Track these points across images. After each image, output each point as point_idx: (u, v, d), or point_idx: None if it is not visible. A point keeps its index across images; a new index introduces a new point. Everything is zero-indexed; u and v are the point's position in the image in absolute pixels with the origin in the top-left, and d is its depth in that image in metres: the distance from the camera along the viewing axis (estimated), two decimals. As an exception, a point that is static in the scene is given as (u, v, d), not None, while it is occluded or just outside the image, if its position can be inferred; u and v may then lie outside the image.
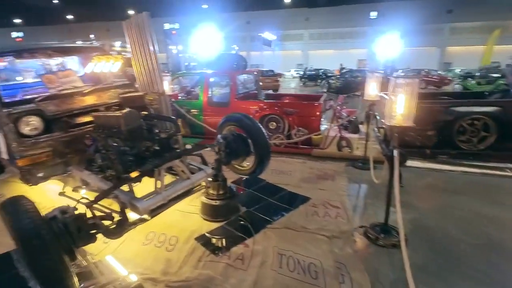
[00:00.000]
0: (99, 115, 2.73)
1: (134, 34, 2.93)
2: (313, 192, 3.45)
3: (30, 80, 3.96)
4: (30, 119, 2.73)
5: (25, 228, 1.54)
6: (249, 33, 43.10)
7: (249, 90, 6.57)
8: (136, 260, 2.28)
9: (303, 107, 5.23)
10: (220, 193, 2.85)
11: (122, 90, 3.37)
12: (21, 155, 2.68)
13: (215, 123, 5.61)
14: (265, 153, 2.90)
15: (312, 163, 4.48)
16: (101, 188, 2.53)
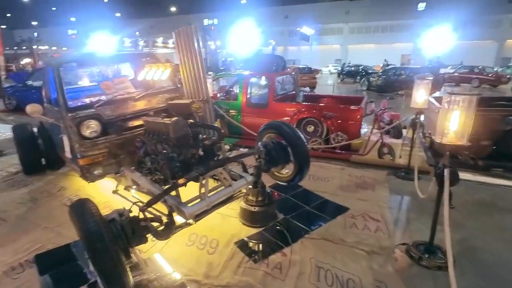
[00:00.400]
0: (149, 120, 2.92)
1: (182, 44, 3.07)
2: (352, 202, 3.39)
3: (88, 83, 4.34)
4: (90, 123, 3.00)
5: (91, 231, 1.73)
6: (286, 28, 42.58)
7: (287, 91, 6.56)
8: (180, 261, 2.43)
9: (343, 111, 5.10)
10: (259, 199, 2.92)
11: (169, 95, 3.57)
12: (82, 155, 2.97)
13: (253, 124, 5.77)
14: (304, 162, 2.90)
15: (350, 169, 4.38)
16: (150, 190, 2.73)
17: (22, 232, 2.83)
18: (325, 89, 18.20)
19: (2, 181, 4.05)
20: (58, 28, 48.89)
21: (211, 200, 2.41)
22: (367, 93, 16.08)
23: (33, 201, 3.46)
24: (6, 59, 26.46)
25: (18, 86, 10.28)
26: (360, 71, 24.08)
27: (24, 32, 44.31)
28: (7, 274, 2.27)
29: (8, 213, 3.18)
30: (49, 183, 3.95)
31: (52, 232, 2.83)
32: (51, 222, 3.00)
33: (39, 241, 2.68)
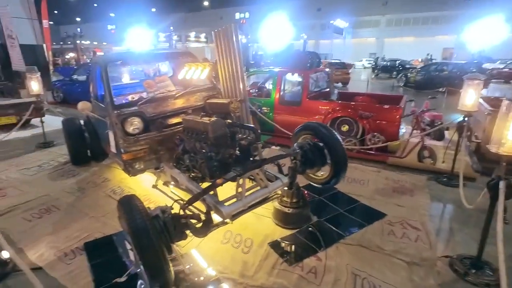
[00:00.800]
0: (188, 119, 3.00)
1: (221, 43, 3.10)
2: (389, 207, 3.27)
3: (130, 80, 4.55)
4: (134, 120, 3.15)
5: (139, 227, 1.83)
6: (319, 21, 41.50)
7: (321, 88, 6.42)
8: (216, 257, 2.50)
9: (381, 111, 4.89)
10: (293, 201, 2.91)
11: (206, 94, 3.64)
12: (126, 150, 3.14)
13: (286, 121, 5.73)
14: (341, 165, 2.84)
15: (387, 172, 4.21)
16: (189, 187, 2.82)
17: (72, 220, 3.07)
18: (358, 85, 17.57)
19: (54, 171, 4.40)
20: (99, 23, 51.63)
21: (248, 200, 2.44)
22: (404, 89, 15.30)
23: (81, 191, 3.73)
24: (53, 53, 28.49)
25: (65, 80, 11.04)
26: (396, 66, 22.92)
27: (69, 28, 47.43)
28: (61, 259, 2.48)
29: (59, 201, 3.46)
30: (94, 174, 4.22)
31: (98, 221, 3.04)
32: (97, 211, 3.22)
33: (87, 230, 2.88)
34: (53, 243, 2.69)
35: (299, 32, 36.40)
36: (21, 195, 3.63)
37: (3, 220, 3.09)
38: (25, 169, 4.47)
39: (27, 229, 2.92)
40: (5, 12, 6.68)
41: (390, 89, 15.55)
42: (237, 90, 3.13)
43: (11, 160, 4.88)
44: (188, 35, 40.09)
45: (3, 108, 6.42)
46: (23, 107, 6.37)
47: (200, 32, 41.18)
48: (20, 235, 2.81)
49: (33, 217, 3.13)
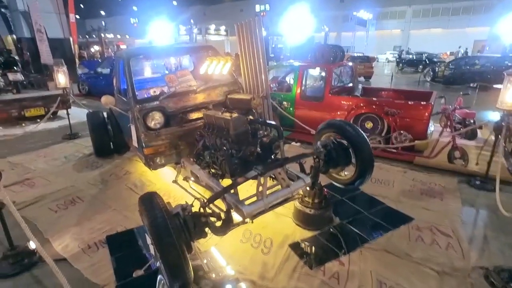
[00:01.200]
0: (209, 114, 2.96)
1: (244, 37, 3.01)
2: (417, 211, 3.10)
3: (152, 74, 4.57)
4: (155, 115, 3.15)
5: (159, 225, 1.81)
6: (341, 12, 40.22)
7: (344, 83, 6.20)
8: (235, 257, 2.47)
9: (409, 108, 4.65)
10: (315, 201, 2.81)
11: (227, 88, 3.58)
12: (147, 144, 3.15)
13: (307, 117, 5.58)
14: (368, 166, 2.70)
15: (414, 173, 4.01)
16: (209, 184, 2.79)
17: (95, 212, 3.13)
18: (381, 79, 16.97)
19: (79, 162, 4.53)
20: (122, 17, 52.70)
21: (269, 200, 2.37)
22: (431, 85, 14.59)
23: (104, 183, 3.81)
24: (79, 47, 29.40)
25: (90, 73, 11.36)
26: (423, 59, 21.89)
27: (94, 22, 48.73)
28: (84, 251, 2.53)
29: (84, 193, 3.55)
30: (117, 166, 4.30)
31: (120, 214, 3.08)
32: (119, 205, 3.27)
33: (110, 223, 2.93)
34: (77, 234, 2.75)
35: (320, 24, 35.47)
36: (48, 185, 3.76)
37: (32, 209, 3.20)
38: (52, 160, 4.63)
39: (53, 219, 3.01)
40: (35, 7, 6.88)
41: (416, 84, 14.85)
42: (259, 85, 3.04)
43: (40, 150, 5.07)
44: (208, 28, 40.14)
45: (32, 100, 6.68)
46: (50, 99, 6.62)
47: (220, 25, 41.14)
48: (47, 225, 2.90)
49: (58, 208, 3.22)
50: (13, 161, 4.56)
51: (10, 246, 2.35)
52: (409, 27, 37.94)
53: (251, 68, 3.09)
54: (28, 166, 4.36)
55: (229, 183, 2.39)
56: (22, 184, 3.79)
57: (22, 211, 3.13)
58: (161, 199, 2.07)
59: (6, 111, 6.32)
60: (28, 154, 4.91)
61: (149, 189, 3.62)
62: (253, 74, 3.09)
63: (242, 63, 3.17)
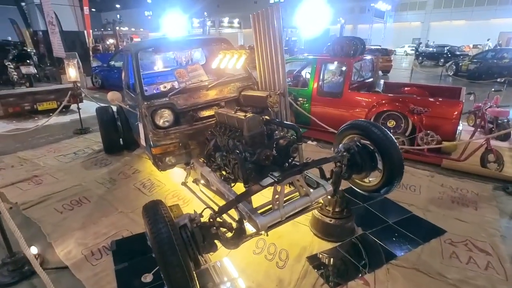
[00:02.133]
0: (221, 112, 2.73)
1: (260, 28, 2.75)
2: (449, 222, 2.80)
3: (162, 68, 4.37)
4: (164, 112, 2.95)
5: (163, 241, 1.61)
6: (358, 4, 38.94)
7: (364, 78, 5.84)
8: (248, 270, 2.26)
9: (437, 106, 4.28)
10: (336, 210, 2.56)
11: (241, 84, 3.34)
12: (155, 144, 2.96)
13: (324, 114, 5.28)
14: (396, 173, 2.42)
15: (442, 178, 3.68)
16: (220, 189, 2.58)
17: (101, 214, 2.99)
18: (400, 73, 16.28)
19: (88, 159, 4.42)
20: (137, 10, 52.86)
21: (286, 210, 2.14)
22: (454, 79, 13.86)
23: (111, 182, 3.67)
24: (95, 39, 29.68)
25: (103, 66, 11.34)
26: (444, 52, 20.90)
27: (109, 15, 49.08)
28: (87, 258, 2.38)
29: (91, 193, 3.42)
30: (126, 164, 4.16)
31: (127, 217, 2.92)
32: (127, 206, 3.11)
33: (116, 226, 2.78)
34: (81, 239, 2.61)
35: (336, 16, 34.40)
36: (56, 183, 3.65)
37: (38, 209, 3.09)
38: (61, 156, 4.54)
39: (58, 221, 2.88)
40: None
41: (438, 79, 14.14)
42: (276, 81, 2.78)
43: (50, 145, 5.00)
44: (221, 21, 39.78)
45: (45, 93, 6.64)
46: (63, 93, 6.56)
47: (233, 17, 40.66)
48: (51, 227, 2.78)
49: (64, 209, 3.10)
50: (23, 156, 4.50)
51: (9, 252, 2.22)
52: (430, 18, 36.40)
53: (267, 62, 2.83)
54: (37, 162, 4.28)
55: (241, 189, 2.17)
56: (29, 181, 3.70)
57: (27, 211, 3.05)
58: (166, 209, 1.87)
59: (19, 104, 6.31)
60: (38, 149, 4.84)
61: (158, 190, 3.46)
62: (269, 69, 2.83)
63: (258, 56, 2.91)
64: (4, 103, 6.12)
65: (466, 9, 33.77)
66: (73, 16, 13.24)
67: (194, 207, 2.98)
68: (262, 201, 2.36)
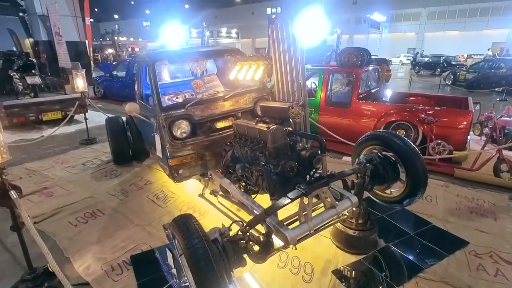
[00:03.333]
0: (241, 124, 2.72)
1: (279, 39, 2.77)
2: (470, 233, 2.78)
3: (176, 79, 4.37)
4: (182, 123, 2.93)
5: (200, 256, 1.58)
6: (354, 15, 39.70)
7: (370, 88, 5.90)
8: (274, 285, 2.21)
9: (447, 116, 4.31)
10: (359, 222, 2.53)
11: (256, 95, 3.34)
12: (172, 155, 2.93)
13: (333, 124, 5.29)
14: (420, 184, 2.41)
15: (457, 188, 3.68)
16: (242, 201, 2.54)
17: (117, 227, 2.92)
18: (398, 83, 16.50)
19: (97, 170, 4.35)
20: (135, 20, 53.35)
21: (314, 223, 2.10)
22: (452, 89, 14.06)
23: (124, 194, 3.61)
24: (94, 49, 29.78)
25: (105, 76, 11.33)
26: (440, 62, 21.29)
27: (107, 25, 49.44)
28: (108, 274, 2.31)
29: (104, 205, 3.35)
30: (136, 176, 4.10)
31: (144, 231, 2.86)
32: (142, 219, 3.05)
33: (133, 240, 2.71)
34: (99, 253, 2.54)
35: (332, 27, 35.01)
36: (67, 195, 3.58)
37: (51, 223, 3.01)
38: (70, 167, 4.47)
39: (73, 235, 2.81)
40: (54, 9, 6.82)
41: (436, 88, 14.34)
42: (296, 92, 2.78)
43: (57, 156, 4.93)
44: (219, 31, 40.20)
45: (50, 103, 6.60)
46: (68, 103, 6.53)
47: (231, 27, 41.15)
48: (67, 241, 2.71)
49: (78, 222, 3.03)
50: (31, 168, 4.42)
51: (29, 268, 2.15)
52: (424, 29, 37.17)
53: (285, 73, 2.84)
54: (45, 174, 4.21)
55: (263, 200, 2.15)
56: (40, 193, 3.62)
57: (41, 225, 2.97)
58: (198, 223, 1.84)
59: (24, 114, 6.25)
60: (45, 160, 4.77)
61: (172, 202, 3.41)
62: (287, 80, 2.83)
63: (276, 67, 2.92)
64: (9, 114, 6.06)
65: (460, 20, 34.57)
66: (75, 26, 13.32)
67: (211, 219, 2.97)
68: (285, 214, 2.33)
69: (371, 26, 34.26)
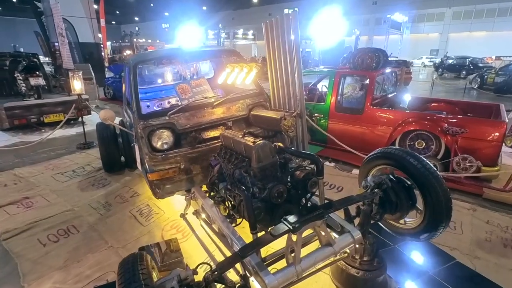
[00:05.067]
0: (227, 135, 2.34)
1: (274, 38, 2.36)
2: (504, 274, 2.26)
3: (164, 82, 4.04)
4: (163, 133, 2.59)
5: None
6: (373, 15, 38.56)
7: (386, 93, 5.36)
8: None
9: (476, 126, 3.74)
10: (364, 259, 2.08)
11: (251, 101, 2.94)
12: (151, 169, 2.58)
13: (343, 132, 4.81)
14: (442, 218, 1.94)
15: (487, 213, 3.12)
16: (221, 229, 2.15)
17: (88, 249, 2.60)
18: (419, 86, 15.59)
19: (86, 178, 4.10)
20: (155, 22, 54.36)
21: (304, 267, 1.67)
22: (479, 93, 13.09)
23: (106, 208, 3.30)
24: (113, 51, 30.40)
25: (115, 77, 11.30)
26: (466, 64, 20.07)
27: (128, 27, 50.60)
28: (61, 311, 1.98)
29: (81, 220, 3.06)
30: (125, 186, 3.81)
31: (116, 255, 2.52)
32: (118, 240, 2.72)
33: (102, 267, 2.37)
34: (60, 283, 2.22)
35: (351, 27, 34.03)
36: (46, 207, 3.32)
37: (20, 240, 2.74)
38: (59, 174, 4.24)
39: (39, 257, 2.52)
40: (57, 10, 6.74)
41: (461, 92, 13.40)
42: (292, 99, 2.36)
43: (49, 162, 4.73)
44: (236, 33, 40.15)
45: (52, 105, 6.48)
46: (70, 105, 6.37)
47: (248, 29, 40.99)
48: (29, 265, 2.41)
49: (49, 240, 2.74)
50: (19, 174, 4.23)
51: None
52: (448, 30, 35.48)
53: (281, 77, 2.43)
54: (32, 181, 3.99)
55: (247, 227, 1.76)
56: (19, 204, 3.39)
57: (8, 242, 2.71)
58: (148, 264, 1.46)
59: (25, 116, 6.16)
60: (37, 165, 4.58)
61: (155, 219, 3.07)
62: (283, 85, 2.42)
63: (271, 70, 2.52)
64: (10, 115, 5.97)
65: (487, 20, 32.75)
66: (90, 28, 13.46)
67: (194, 244, 2.59)
68: (273, 246, 1.92)
69: (392, 26, 33.05)
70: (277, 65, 2.44)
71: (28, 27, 18.98)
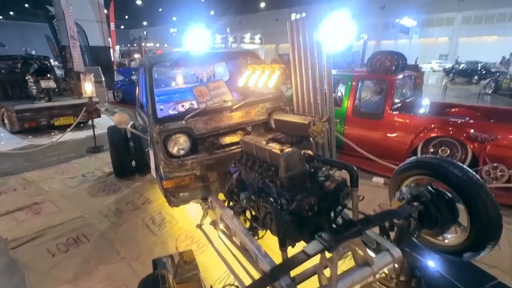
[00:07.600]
0: (249, 141, 2.18)
1: (300, 39, 2.22)
2: (554, 297, 2.04)
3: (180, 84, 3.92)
4: (180, 138, 2.45)
5: None
6: (382, 20, 38.29)
7: (404, 98, 5.16)
8: None
9: (507, 132, 3.53)
10: (401, 279, 1.88)
11: (271, 105, 2.80)
12: (167, 176, 2.44)
13: (361, 137, 4.61)
14: (492, 235, 1.75)
15: (523, 226, 2.90)
16: (244, 243, 1.99)
17: (99, 260, 2.46)
18: (430, 91, 15.26)
19: (96, 183, 3.98)
20: (163, 27, 54.94)
21: None
22: (493, 98, 12.77)
23: (117, 215, 3.17)
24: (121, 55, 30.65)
25: (124, 80, 11.29)
26: (478, 69, 19.69)
27: (136, 31, 51.18)
28: (71, 331, 1.83)
29: (92, 228, 2.92)
30: (136, 192, 3.68)
31: (128, 267, 2.38)
32: (130, 250, 2.58)
33: (114, 280, 2.23)
34: (69, 298, 2.08)
35: (359, 32, 33.82)
36: (56, 213, 3.21)
37: (28, 249, 2.62)
38: (69, 179, 4.14)
39: (47, 268, 2.38)
40: (69, 13, 6.73)
41: (474, 97, 13.08)
42: (320, 103, 2.20)
43: (59, 166, 4.64)
44: (243, 37, 40.29)
45: (62, 108, 6.43)
46: (80, 108, 6.30)
47: (255, 33, 41.11)
48: (37, 277, 2.27)
49: (58, 250, 2.61)
50: (28, 178, 4.13)
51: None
52: (458, 34, 35.04)
53: (306, 80, 2.27)
54: (41, 186, 3.89)
55: (270, 240, 1.59)
56: (28, 209, 3.27)
57: (16, 251, 2.58)
58: (171, 285, 1.31)
59: (35, 119, 6.10)
60: (46, 169, 4.49)
61: (168, 228, 2.91)
62: (309, 89, 2.27)
63: (295, 73, 2.37)
64: (20, 118, 5.92)
65: (498, 25, 32.26)
66: (100, 32, 13.55)
67: (211, 256, 2.43)
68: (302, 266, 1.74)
69: (401, 31, 32.78)
70: (303, 66, 2.28)
71: (40, 31, 19.37)
